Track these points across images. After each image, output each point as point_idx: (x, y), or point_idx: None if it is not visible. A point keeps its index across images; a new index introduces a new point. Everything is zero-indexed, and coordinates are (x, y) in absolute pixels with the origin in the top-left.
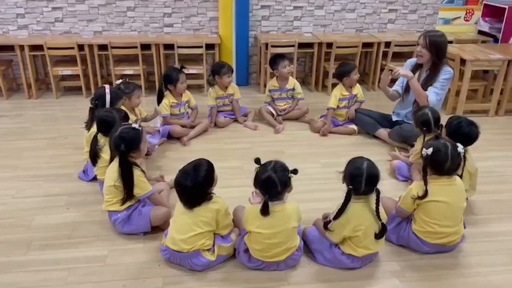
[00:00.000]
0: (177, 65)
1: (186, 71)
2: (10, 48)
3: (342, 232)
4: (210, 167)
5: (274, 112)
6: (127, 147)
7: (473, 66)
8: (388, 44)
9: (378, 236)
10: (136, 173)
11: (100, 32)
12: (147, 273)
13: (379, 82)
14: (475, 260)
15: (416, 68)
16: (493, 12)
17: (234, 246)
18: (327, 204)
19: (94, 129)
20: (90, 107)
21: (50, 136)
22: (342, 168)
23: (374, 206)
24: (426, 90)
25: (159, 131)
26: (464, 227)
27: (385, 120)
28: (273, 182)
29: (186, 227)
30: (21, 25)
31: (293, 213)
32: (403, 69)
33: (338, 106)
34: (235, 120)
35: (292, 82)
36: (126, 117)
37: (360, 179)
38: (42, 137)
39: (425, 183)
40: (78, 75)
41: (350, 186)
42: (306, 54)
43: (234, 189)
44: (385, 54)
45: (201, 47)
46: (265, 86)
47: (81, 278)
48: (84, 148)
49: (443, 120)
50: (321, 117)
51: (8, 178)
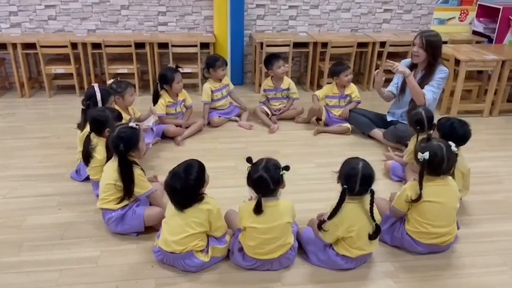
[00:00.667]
0: (172, 64)
1: (180, 70)
2: (2, 46)
3: (336, 232)
4: (200, 167)
5: (269, 112)
6: (126, 147)
7: (468, 67)
8: (383, 44)
9: (372, 236)
10: (137, 171)
11: (94, 30)
12: (139, 274)
13: (373, 83)
14: (469, 260)
15: (410, 68)
16: (487, 13)
17: (228, 248)
18: (321, 204)
19: (87, 129)
20: (83, 108)
21: (42, 135)
22: (337, 168)
23: (368, 206)
24: (422, 89)
25: (152, 129)
26: (458, 228)
27: (380, 120)
28: (265, 181)
29: (178, 228)
30: (14, 23)
31: (287, 209)
32: (402, 66)
33: (328, 104)
34: (230, 120)
35: (287, 82)
36: (119, 117)
37: (355, 179)
38: (35, 136)
39: (420, 188)
40: (72, 74)
41: (344, 186)
42: (301, 54)
43: (228, 189)
44: (380, 54)
45: (196, 46)
46: (260, 85)
47: (73, 279)
48: (77, 148)
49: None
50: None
51: None
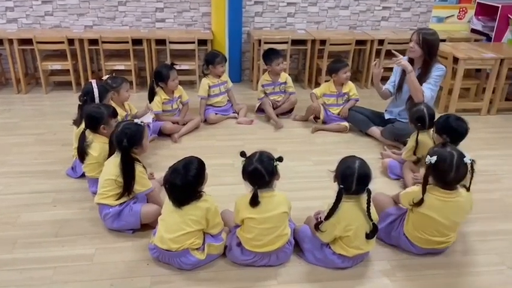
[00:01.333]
0: (168, 61)
1: (178, 67)
2: None
3: (333, 232)
4: (200, 165)
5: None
6: (129, 143)
7: (466, 65)
8: (381, 41)
9: (369, 236)
10: (138, 169)
11: (91, 26)
12: (135, 272)
13: (372, 80)
14: (466, 259)
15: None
16: (486, 11)
17: (225, 245)
18: (318, 202)
19: (83, 125)
20: (79, 104)
21: (38, 132)
22: (333, 166)
23: (365, 206)
24: None
25: (149, 126)
26: None
27: (378, 118)
28: (259, 172)
29: (175, 226)
30: (11, 18)
31: (283, 200)
32: (405, 61)
33: (325, 102)
34: (228, 117)
35: (284, 76)
36: (114, 113)
37: (351, 179)
38: (31, 132)
39: (423, 192)
40: (68, 70)
41: (341, 186)
42: (299, 51)
43: (225, 187)
44: (379, 52)
45: (194, 42)
46: (258, 82)
47: (67, 276)
48: (72, 144)
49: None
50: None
51: None
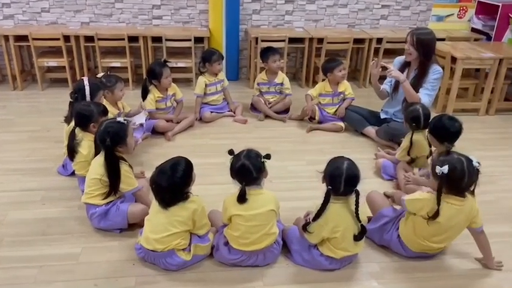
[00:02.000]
0: (166, 59)
1: (174, 64)
2: None
3: (321, 233)
4: (188, 165)
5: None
6: (113, 141)
7: (464, 65)
8: (380, 40)
9: (357, 237)
10: (124, 168)
11: (87, 23)
12: (120, 272)
13: (370, 79)
14: (458, 262)
15: (404, 66)
16: (486, 10)
17: (212, 245)
18: (308, 203)
19: (73, 123)
20: (70, 101)
21: (32, 129)
22: (323, 167)
23: (354, 207)
24: (416, 90)
25: (142, 125)
26: None
27: (374, 117)
28: (247, 168)
29: (160, 226)
30: (7, 15)
31: (271, 198)
32: (396, 71)
33: (320, 102)
34: (224, 116)
35: (281, 77)
36: (105, 111)
37: (340, 180)
38: (25, 129)
39: (438, 203)
40: (65, 67)
41: (329, 187)
42: (296, 50)
43: (216, 186)
44: (377, 50)
45: (190, 40)
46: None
47: (51, 276)
48: (64, 142)
49: None
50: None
51: None
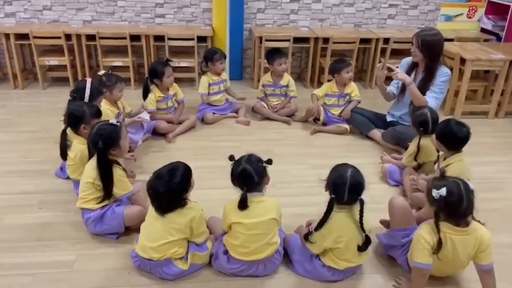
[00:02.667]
0: (164, 58)
1: (177, 64)
2: None
3: (323, 243)
4: (186, 171)
5: (267, 107)
6: (105, 144)
7: (474, 66)
8: (387, 40)
9: (362, 248)
10: (117, 172)
11: (89, 21)
12: (115, 281)
13: (375, 79)
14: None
15: (412, 67)
16: (496, 10)
17: (211, 253)
18: (311, 209)
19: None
20: (69, 99)
21: (31, 129)
22: (326, 174)
23: (358, 216)
24: (423, 93)
25: (142, 125)
26: None
27: (379, 120)
28: (249, 173)
29: (157, 234)
30: (9, 12)
31: (273, 205)
32: (402, 73)
33: (325, 103)
34: (227, 117)
35: (287, 79)
36: (98, 114)
37: (343, 188)
38: (24, 130)
39: (438, 230)
40: (66, 66)
41: (332, 196)
42: (301, 49)
43: (217, 190)
44: (384, 51)
45: (193, 39)
46: (259, 81)
47: (45, 284)
48: None
49: None
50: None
51: None
